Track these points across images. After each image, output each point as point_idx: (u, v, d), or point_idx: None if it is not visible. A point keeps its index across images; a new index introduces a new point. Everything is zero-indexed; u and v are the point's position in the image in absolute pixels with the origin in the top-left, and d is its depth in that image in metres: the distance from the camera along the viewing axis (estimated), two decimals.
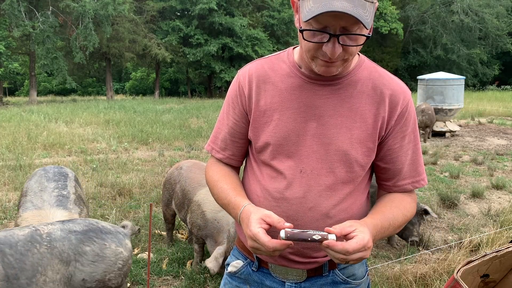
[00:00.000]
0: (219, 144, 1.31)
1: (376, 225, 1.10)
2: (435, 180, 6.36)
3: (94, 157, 7.62)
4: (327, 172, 1.16)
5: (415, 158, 1.23)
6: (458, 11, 32.02)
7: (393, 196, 1.24)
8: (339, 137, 1.16)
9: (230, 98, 1.28)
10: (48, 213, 2.71)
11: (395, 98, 1.18)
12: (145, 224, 4.38)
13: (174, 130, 10.87)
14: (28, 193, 2.87)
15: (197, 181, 3.46)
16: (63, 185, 2.94)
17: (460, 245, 3.66)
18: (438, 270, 3.12)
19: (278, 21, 29.12)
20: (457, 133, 11.22)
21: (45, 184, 2.91)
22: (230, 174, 1.29)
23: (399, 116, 1.18)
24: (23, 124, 11.22)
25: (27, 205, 2.76)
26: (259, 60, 1.27)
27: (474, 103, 18.76)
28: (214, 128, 1.34)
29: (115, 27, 24.18)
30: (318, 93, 1.16)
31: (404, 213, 1.19)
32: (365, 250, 1.00)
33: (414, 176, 1.24)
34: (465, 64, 33.12)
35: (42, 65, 22.40)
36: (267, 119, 1.19)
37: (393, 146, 1.20)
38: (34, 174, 3.07)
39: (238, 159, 1.32)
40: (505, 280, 1.73)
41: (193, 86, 34.65)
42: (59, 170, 3.12)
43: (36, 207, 2.73)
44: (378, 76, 1.20)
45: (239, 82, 1.25)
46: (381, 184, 1.28)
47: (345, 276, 1.26)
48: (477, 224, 4.50)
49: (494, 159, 8.02)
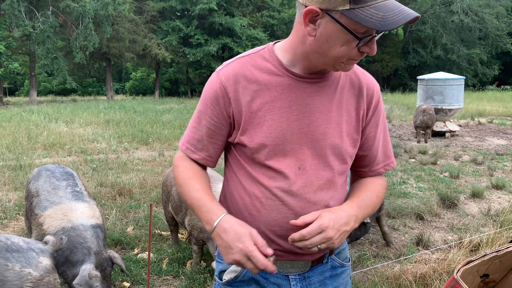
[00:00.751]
0: (195, 145, 1.27)
1: (353, 206, 1.19)
2: (435, 180, 6.37)
3: (94, 157, 7.63)
4: (324, 167, 1.21)
5: (385, 144, 1.34)
6: (458, 11, 32.02)
7: (366, 180, 1.34)
8: (331, 132, 1.21)
9: (208, 99, 1.22)
10: (69, 206, 2.77)
11: (370, 91, 1.27)
12: (145, 224, 4.38)
13: (174, 130, 10.87)
14: (41, 193, 2.90)
15: None
16: (74, 183, 3.05)
17: (460, 245, 3.66)
18: (438, 270, 3.12)
19: (278, 21, 29.14)
20: (457, 133, 11.22)
21: (56, 183, 2.98)
22: (203, 175, 1.28)
23: (374, 107, 1.28)
24: (23, 124, 11.23)
25: (44, 204, 2.80)
26: (240, 59, 1.23)
27: (474, 103, 18.76)
28: (189, 127, 1.29)
29: (115, 27, 24.19)
30: (306, 90, 1.19)
31: (377, 194, 1.30)
32: (323, 231, 1.07)
33: (385, 160, 1.34)
34: (465, 64, 33.12)
35: (42, 65, 22.42)
36: (259, 120, 1.18)
37: (370, 135, 1.29)
38: (39, 175, 3.08)
39: (214, 161, 1.30)
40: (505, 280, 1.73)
41: (193, 86, 34.64)
42: (64, 170, 3.19)
43: (54, 203, 2.79)
44: (352, 71, 1.26)
45: (221, 83, 1.19)
46: (358, 171, 1.37)
47: (341, 260, 1.35)
48: (477, 224, 4.50)
49: (494, 159, 8.03)
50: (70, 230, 2.60)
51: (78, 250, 2.53)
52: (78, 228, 2.62)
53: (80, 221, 2.68)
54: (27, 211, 3.01)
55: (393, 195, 5.56)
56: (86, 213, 2.78)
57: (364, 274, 3.36)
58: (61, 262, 2.54)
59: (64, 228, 2.61)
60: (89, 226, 2.68)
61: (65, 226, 2.62)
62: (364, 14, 1.00)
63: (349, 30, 1.03)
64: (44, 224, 2.67)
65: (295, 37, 1.16)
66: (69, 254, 2.53)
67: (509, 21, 33.23)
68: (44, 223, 2.67)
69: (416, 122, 9.92)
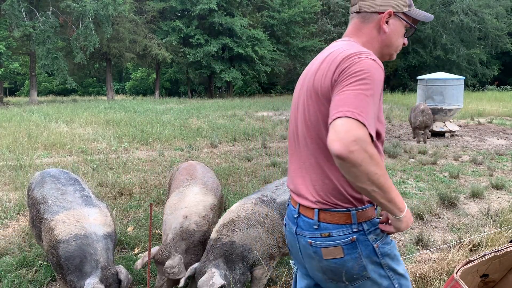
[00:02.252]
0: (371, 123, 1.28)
1: None
2: (434, 180, 6.37)
3: (95, 157, 7.63)
4: None
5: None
6: (458, 11, 32.00)
7: None
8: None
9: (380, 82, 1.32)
10: (81, 211, 2.76)
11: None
12: (145, 224, 4.39)
13: (174, 130, 10.88)
14: (48, 199, 2.86)
15: (176, 183, 3.39)
16: (81, 187, 3.02)
17: (459, 245, 3.67)
18: (438, 270, 3.13)
19: (278, 21, 29.11)
20: (457, 133, 11.23)
21: (63, 188, 2.95)
22: None
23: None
24: (24, 124, 11.23)
25: (54, 209, 2.77)
26: None
27: (473, 103, 18.76)
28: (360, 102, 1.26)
29: (115, 27, 24.18)
30: None
31: None
32: None
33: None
34: (465, 64, 33.11)
35: (43, 65, 22.40)
36: None
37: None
38: (43, 182, 3.04)
39: None
40: (505, 280, 1.74)
41: (193, 86, 34.65)
42: (68, 175, 3.16)
43: (65, 208, 2.77)
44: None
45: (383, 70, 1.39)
46: None
47: None
48: (476, 224, 4.51)
49: (494, 159, 8.03)
50: (83, 238, 2.58)
51: (87, 260, 2.52)
52: (91, 237, 2.60)
53: (93, 229, 2.66)
54: (33, 219, 2.96)
55: None
56: (99, 220, 2.76)
57: None
58: (71, 270, 2.52)
59: (77, 235, 2.59)
60: (101, 237, 2.66)
61: (78, 233, 2.60)
62: (415, 13, 1.56)
63: (409, 23, 1.56)
64: (56, 229, 2.65)
65: (368, 37, 1.54)
66: (78, 262, 2.51)
67: (509, 21, 33.21)
68: (55, 228, 2.65)
69: (415, 123, 9.92)
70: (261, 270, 2.70)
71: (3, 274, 3.30)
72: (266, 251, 2.65)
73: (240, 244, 2.57)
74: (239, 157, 7.96)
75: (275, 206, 2.79)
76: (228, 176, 6.38)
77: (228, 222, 2.66)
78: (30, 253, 3.65)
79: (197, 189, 3.23)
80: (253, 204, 2.76)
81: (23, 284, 3.15)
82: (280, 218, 2.76)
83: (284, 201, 2.85)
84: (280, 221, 2.75)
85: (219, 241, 2.59)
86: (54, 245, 2.60)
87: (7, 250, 3.80)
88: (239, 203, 2.84)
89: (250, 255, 2.58)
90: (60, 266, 2.58)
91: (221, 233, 2.62)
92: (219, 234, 2.62)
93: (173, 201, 3.12)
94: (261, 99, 25.54)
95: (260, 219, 2.67)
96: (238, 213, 2.71)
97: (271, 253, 2.69)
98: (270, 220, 2.70)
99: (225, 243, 2.57)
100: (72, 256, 2.52)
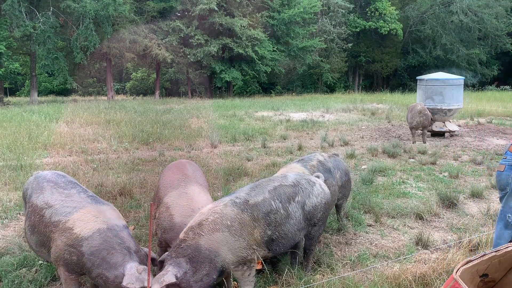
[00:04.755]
0: None
1: None
2: (434, 180, 6.38)
3: (95, 157, 7.64)
4: None
5: None
6: (458, 11, 32.03)
7: None
8: None
9: None
10: (96, 208, 2.77)
11: None
12: (145, 223, 4.40)
13: (174, 130, 10.88)
14: (53, 203, 2.81)
15: (170, 182, 3.39)
16: (83, 189, 3.02)
17: (459, 244, 3.68)
18: (438, 269, 3.14)
19: (278, 22, 29.13)
20: (456, 133, 11.23)
21: (66, 192, 2.91)
22: None
23: None
24: (24, 124, 11.23)
25: (65, 210, 2.75)
26: None
27: (473, 103, 18.76)
28: None
29: (115, 28, 24.18)
30: None
31: None
32: None
33: None
34: (465, 64, 33.13)
35: (43, 66, 22.41)
36: None
37: None
38: (42, 188, 2.94)
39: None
40: (505, 279, 1.74)
41: (194, 86, 34.63)
42: (66, 179, 3.09)
43: (78, 207, 2.77)
44: None
45: None
46: None
47: None
48: (476, 223, 4.52)
49: (493, 159, 8.03)
50: (107, 231, 2.62)
51: (117, 251, 2.55)
52: (114, 228, 2.66)
53: (114, 222, 2.71)
54: (34, 226, 2.83)
55: (393, 195, 5.57)
56: (114, 215, 2.81)
57: (364, 274, 3.38)
58: (97, 263, 2.54)
59: (100, 229, 2.62)
60: (123, 227, 2.72)
61: (101, 227, 2.64)
62: None
63: None
64: (75, 227, 2.65)
65: None
66: (106, 255, 2.54)
67: (509, 21, 33.22)
68: (74, 227, 2.65)
69: (412, 123, 9.92)
70: (240, 271, 2.79)
71: (4, 274, 3.30)
72: (236, 254, 2.71)
73: (206, 247, 2.64)
74: (239, 157, 7.97)
75: (247, 208, 2.82)
76: (228, 176, 6.38)
77: (196, 225, 2.72)
78: (31, 253, 3.65)
79: (197, 188, 3.31)
80: (224, 207, 2.80)
81: (23, 284, 3.16)
82: (252, 220, 2.79)
83: (257, 203, 2.87)
84: (251, 223, 2.78)
85: (183, 242, 2.67)
86: (75, 243, 2.60)
87: (8, 250, 3.80)
88: (211, 205, 2.88)
89: (217, 258, 2.65)
90: (83, 263, 2.58)
91: (188, 235, 2.70)
92: (185, 236, 2.70)
93: (182, 203, 3.13)
94: (261, 99, 25.55)
95: (227, 223, 2.71)
96: (207, 216, 2.75)
97: (243, 256, 2.75)
98: (238, 224, 2.74)
99: (189, 245, 2.65)
100: (98, 250, 2.55)
